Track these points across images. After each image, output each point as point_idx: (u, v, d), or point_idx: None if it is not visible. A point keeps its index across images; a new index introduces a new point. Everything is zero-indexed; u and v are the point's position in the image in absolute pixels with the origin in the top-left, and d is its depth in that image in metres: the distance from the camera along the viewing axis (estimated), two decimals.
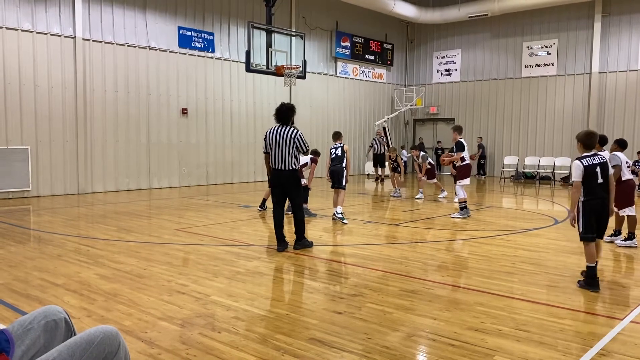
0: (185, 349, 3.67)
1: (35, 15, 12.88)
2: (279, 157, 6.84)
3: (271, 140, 6.86)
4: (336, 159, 9.72)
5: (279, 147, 6.82)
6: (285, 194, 7.04)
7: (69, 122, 13.61)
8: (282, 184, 6.94)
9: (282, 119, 6.95)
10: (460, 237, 8.22)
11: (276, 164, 6.87)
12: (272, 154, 6.87)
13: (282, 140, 6.82)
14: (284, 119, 6.94)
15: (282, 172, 6.87)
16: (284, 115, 6.95)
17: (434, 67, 23.45)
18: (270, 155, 6.91)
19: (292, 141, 6.82)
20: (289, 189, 6.96)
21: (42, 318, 2.16)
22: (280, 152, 6.83)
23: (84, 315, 4.34)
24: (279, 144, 6.82)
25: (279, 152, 6.83)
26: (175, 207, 11.47)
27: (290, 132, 6.86)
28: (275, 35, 14.56)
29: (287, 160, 6.83)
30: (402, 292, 5.09)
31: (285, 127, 6.90)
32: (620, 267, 6.43)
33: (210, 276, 5.65)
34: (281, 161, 6.84)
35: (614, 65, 18.79)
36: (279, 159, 6.85)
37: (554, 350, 3.69)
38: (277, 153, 6.84)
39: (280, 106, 7.02)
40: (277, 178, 6.93)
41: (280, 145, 6.82)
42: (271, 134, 6.89)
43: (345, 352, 3.63)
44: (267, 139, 6.90)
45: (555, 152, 20.07)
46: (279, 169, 6.87)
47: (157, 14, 15.19)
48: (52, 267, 6.02)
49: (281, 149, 6.82)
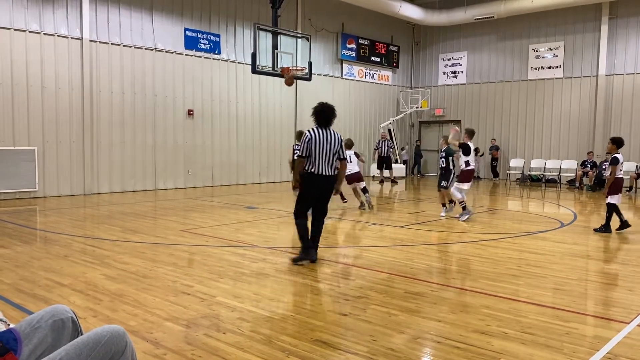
0: (190, 349, 3.67)
1: (42, 17, 12.96)
2: (327, 162, 6.23)
3: (317, 143, 6.17)
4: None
5: (327, 152, 6.20)
6: (320, 202, 6.46)
7: (76, 123, 13.68)
8: (326, 191, 6.37)
9: (325, 120, 6.32)
10: (466, 240, 8.20)
11: (321, 169, 6.21)
12: (317, 159, 6.17)
13: (331, 144, 6.22)
14: (326, 120, 6.32)
15: (329, 179, 6.31)
16: (327, 117, 6.33)
17: (440, 69, 23.41)
18: (312, 160, 6.20)
19: (340, 145, 6.32)
20: (329, 196, 6.45)
21: (49, 317, 2.17)
22: (327, 156, 6.22)
23: (89, 316, 4.35)
24: (326, 148, 6.19)
25: (326, 157, 6.21)
26: (181, 208, 11.50)
27: (338, 136, 6.36)
28: (281, 37, 14.57)
29: (333, 166, 6.31)
30: (407, 294, 5.08)
31: (329, 129, 6.31)
32: (628, 270, 6.39)
33: (216, 277, 5.66)
34: (328, 166, 6.24)
35: (621, 67, 18.70)
36: (325, 164, 6.22)
37: (560, 353, 3.67)
38: (324, 158, 6.21)
39: (322, 106, 6.37)
40: (322, 185, 6.31)
41: (328, 150, 6.20)
42: (318, 136, 6.20)
43: (350, 354, 3.62)
44: (312, 141, 6.17)
45: (562, 154, 19.99)
46: (325, 175, 6.24)
47: (163, 15, 15.25)
48: (58, 267, 6.05)
49: (329, 154, 6.22)
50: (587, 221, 10.55)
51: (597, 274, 6.12)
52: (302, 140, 6.24)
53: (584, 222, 10.31)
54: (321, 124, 6.29)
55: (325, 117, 6.29)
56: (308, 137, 6.20)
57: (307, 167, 6.23)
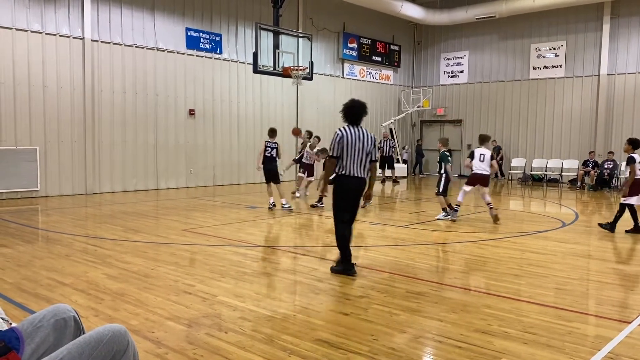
0: (192, 348, 3.68)
1: (44, 17, 12.98)
2: (361, 164, 5.74)
3: (349, 143, 5.67)
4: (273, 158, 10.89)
5: (361, 152, 5.71)
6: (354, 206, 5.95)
7: (77, 123, 13.69)
8: (358, 195, 5.86)
9: (355, 117, 5.82)
10: (468, 239, 8.20)
11: (355, 171, 5.72)
12: (349, 160, 5.68)
13: (363, 143, 5.73)
14: (357, 117, 5.83)
15: (363, 181, 5.82)
16: (357, 113, 5.82)
17: (441, 69, 23.40)
18: (343, 161, 5.71)
19: (373, 145, 5.82)
20: (359, 201, 5.96)
21: (51, 316, 2.18)
22: (360, 157, 5.72)
23: (91, 315, 4.36)
24: (358, 147, 5.70)
25: (360, 158, 5.72)
26: (182, 208, 11.51)
27: (371, 135, 5.89)
28: (282, 37, 14.60)
29: (366, 168, 5.83)
30: (408, 294, 5.08)
31: (361, 128, 5.84)
32: (630, 270, 6.39)
33: (217, 276, 5.66)
34: (361, 168, 5.76)
35: (623, 67, 18.67)
36: (359, 166, 5.74)
37: (561, 353, 3.67)
38: (358, 159, 5.72)
39: (352, 102, 5.91)
40: (357, 188, 5.81)
41: (360, 150, 5.71)
42: (350, 136, 5.69)
43: (351, 353, 3.63)
44: (345, 141, 5.67)
45: (563, 154, 19.96)
46: (359, 177, 5.76)
47: (165, 15, 15.26)
48: (60, 266, 6.06)
49: (361, 154, 5.72)
50: (589, 221, 10.53)
51: (599, 274, 6.11)
52: (332, 140, 5.78)
53: (585, 222, 10.30)
54: (351, 122, 5.81)
55: (355, 113, 5.81)
56: (339, 136, 5.70)
57: (338, 170, 5.77)
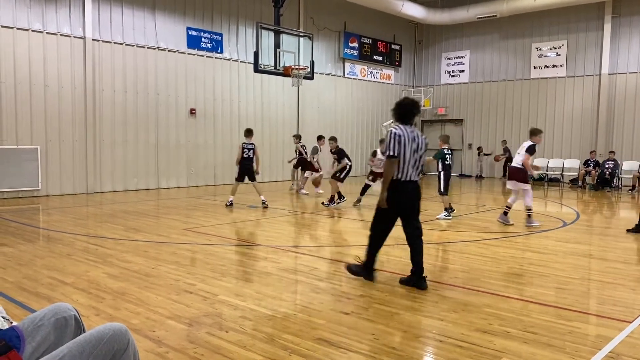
0: (192, 347, 3.68)
1: (45, 16, 12.98)
2: (415, 166, 5.33)
3: (407, 144, 5.24)
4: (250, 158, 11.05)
5: (415, 154, 5.32)
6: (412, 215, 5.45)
7: (79, 122, 13.70)
8: (416, 201, 5.44)
9: (408, 116, 5.43)
10: (468, 239, 8.19)
11: (411, 174, 5.31)
12: (405, 162, 5.25)
13: (418, 144, 5.34)
14: (409, 116, 5.43)
15: (418, 185, 5.43)
16: (410, 112, 5.42)
17: (442, 68, 23.39)
18: (401, 163, 5.25)
19: (425, 147, 5.46)
20: (419, 207, 5.53)
21: (52, 315, 2.18)
22: (415, 159, 5.32)
23: (92, 314, 4.36)
24: (414, 149, 5.30)
25: (415, 160, 5.31)
26: (183, 207, 11.52)
27: (423, 136, 5.51)
28: (283, 36, 14.60)
29: (419, 171, 5.44)
30: (409, 293, 5.08)
31: (413, 128, 5.42)
32: (631, 269, 6.38)
33: (218, 276, 5.66)
34: (415, 171, 5.36)
35: (624, 66, 18.65)
36: (415, 168, 5.34)
37: (562, 352, 3.67)
38: (414, 161, 5.30)
39: (404, 101, 5.53)
40: (414, 193, 5.38)
41: (416, 152, 5.32)
42: (408, 135, 5.27)
43: (352, 352, 3.63)
44: (403, 141, 5.23)
45: (564, 154, 19.94)
46: (414, 181, 5.36)
47: (166, 14, 15.26)
48: (61, 265, 6.07)
49: (417, 156, 5.34)
50: (590, 220, 10.53)
51: (600, 273, 6.11)
52: (388, 138, 5.29)
53: (586, 221, 10.29)
54: (403, 121, 5.39)
55: (407, 112, 5.41)
56: (398, 134, 5.24)
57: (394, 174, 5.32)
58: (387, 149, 5.28)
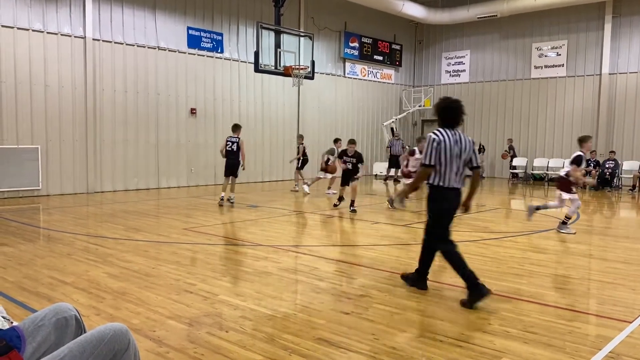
0: (193, 347, 3.69)
1: (46, 16, 12.99)
2: (458, 172, 4.94)
3: (449, 148, 4.85)
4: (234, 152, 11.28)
5: (458, 159, 4.91)
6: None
7: (79, 122, 13.71)
8: (455, 209, 5.10)
9: (454, 119, 5.00)
10: (469, 239, 8.19)
11: (453, 181, 4.93)
12: (447, 168, 4.87)
13: (461, 149, 4.90)
14: (455, 119, 5.00)
15: (460, 193, 5.03)
16: (455, 115, 5.00)
17: (443, 68, 23.38)
18: (440, 170, 4.90)
19: (472, 150, 5.00)
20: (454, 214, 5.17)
21: (53, 315, 2.19)
22: (459, 165, 4.93)
23: (92, 314, 4.37)
24: (457, 154, 4.89)
25: (458, 166, 4.92)
26: (184, 207, 11.52)
27: (469, 140, 5.05)
28: (283, 36, 14.60)
29: (463, 176, 5.06)
30: (409, 293, 5.08)
31: (457, 131, 5.00)
32: (631, 269, 6.38)
33: (218, 275, 5.67)
34: (458, 178, 4.97)
35: (625, 66, 18.64)
36: (455, 175, 4.93)
37: (562, 352, 3.67)
38: (457, 168, 4.92)
39: (449, 103, 5.08)
40: (456, 201, 5.04)
41: (459, 157, 4.91)
42: (448, 140, 4.87)
43: (352, 352, 3.63)
44: (443, 147, 4.85)
45: (565, 153, 19.91)
46: (457, 188, 4.98)
47: (166, 14, 15.27)
48: (61, 265, 6.07)
49: (460, 162, 4.93)
50: (590, 220, 10.53)
51: (600, 273, 6.11)
52: (426, 144, 4.93)
53: (586, 221, 10.29)
54: (448, 124, 4.98)
55: (453, 115, 4.99)
56: (436, 141, 4.87)
57: (434, 180, 4.96)
58: (424, 156, 4.94)
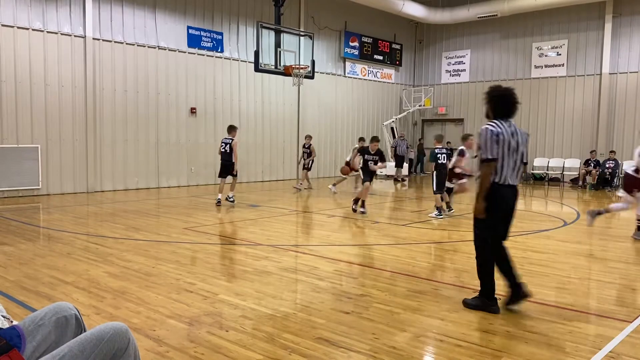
0: (193, 347, 3.68)
1: (46, 15, 12.98)
2: (515, 167, 4.51)
3: (506, 142, 4.42)
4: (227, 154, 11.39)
5: (515, 154, 4.48)
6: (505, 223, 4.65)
7: (79, 121, 13.71)
8: (513, 209, 4.63)
9: (509, 109, 4.55)
10: (469, 238, 8.19)
11: (509, 178, 4.48)
12: (504, 163, 4.44)
13: (518, 143, 4.49)
14: (510, 110, 4.55)
15: (517, 190, 4.61)
16: (512, 105, 4.55)
17: (443, 68, 23.38)
18: (500, 165, 4.43)
19: (525, 144, 4.60)
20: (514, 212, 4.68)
21: (53, 314, 2.18)
22: (515, 160, 4.50)
23: (92, 313, 4.37)
24: (514, 148, 4.46)
25: (514, 160, 4.50)
26: (184, 206, 11.52)
27: (523, 132, 4.61)
28: (283, 35, 14.61)
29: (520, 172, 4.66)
30: (409, 293, 5.08)
31: (512, 123, 4.55)
32: (631, 269, 6.38)
33: (218, 275, 5.67)
34: (515, 174, 4.54)
35: (625, 66, 18.64)
36: (513, 171, 4.51)
37: (562, 352, 3.67)
38: (515, 162, 4.50)
39: (504, 91, 4.59)
40: (513, 199, 4.58)
41: (516, 151, 4.49)
42: (506, 132, 4.44)
43: (352, 352, 3.63)
44: (502, 139, 4.41)
45: (565, 153, 19.94)
46: (515, 186, 4.55)
47: (166, 13, 15.26)
48: (61, 264, 6.07)
49: (516, 157, 4.50)
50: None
51: (600, 273, 6.11)
52: (484, 137, 4.46)
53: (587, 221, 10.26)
54: (503, 115, 4.53)
55: (508, 105, 4.54)
56: (494, 132, 4.42)
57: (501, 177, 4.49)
58: (484, 151, 4.44)
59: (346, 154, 21.05)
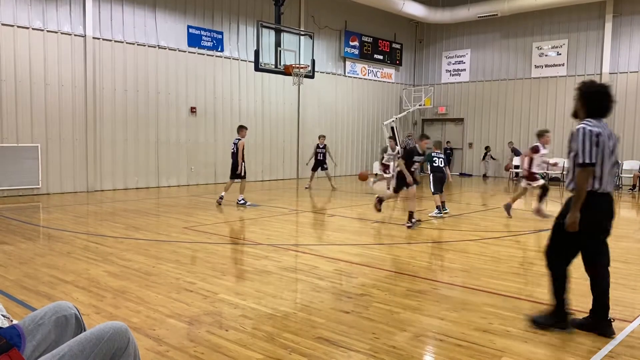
0: (193, 346, 3.69)
1: (46, 14, 12.98)
2: (611, 173, 4.02)
3: (607, 145, 3.92)
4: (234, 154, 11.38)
5: (613, 156, 4.00)
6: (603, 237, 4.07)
7: (79, 121, 13.70)
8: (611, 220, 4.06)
9: (605, 108, 4.03)
10: (469, 238, 8.19)
11: (609, 184, 3.98)
12: (605, 169, 3.93)
13: (615, 144, 4.00)
14: (607, 109, 4.03)
15: (612, 198, 4.09)
16: (607, 102, 4.03)
17: (443, 67, 23.37)
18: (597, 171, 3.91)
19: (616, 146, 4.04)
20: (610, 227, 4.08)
21: (53, 314, 2.18)
22: (612, 164, 4.00)
23: (92, 312, 4.37)
24: (612, 150, 3.96)
25: (612, 166, 4.01)
26: (184, 206, 11.52)
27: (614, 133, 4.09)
28: (284, 35, 14.59)
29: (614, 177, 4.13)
30: (409, 292, 5.08)
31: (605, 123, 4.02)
32: (631, 269, 6.38)
33: (218, 274, 5.67)
34: (612, 181, 4.08)
35: (625, 66, 18.64)
36: (612, 177, 4.07)
37: (562, 351, 3.67)
38: (611, 167, 3.99)
39: (600, 87, 4.08)
40: (611, 209, 4.04)
41: (613, 153, 3.99)
42: (605, 134, 3.92)
43: (352, 351, 3.63)
44: (602, 141, 3.89)
45: (565, 153, 19.88)
46: (610, 193, 4.04)
47: (166, 13, 15.26)
48: (61, 264, 6.07)
49: (615, 159, 4.05)
50: None
51: None
52: (581, 138, 3.91)
53: None
54: (598, 114, 4.01)
55: (605, 103, 4.02)
56: (594, 133, 3.88)
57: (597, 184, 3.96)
58: (581, 154, 3.89)
59: (346, 153, 21.09)
